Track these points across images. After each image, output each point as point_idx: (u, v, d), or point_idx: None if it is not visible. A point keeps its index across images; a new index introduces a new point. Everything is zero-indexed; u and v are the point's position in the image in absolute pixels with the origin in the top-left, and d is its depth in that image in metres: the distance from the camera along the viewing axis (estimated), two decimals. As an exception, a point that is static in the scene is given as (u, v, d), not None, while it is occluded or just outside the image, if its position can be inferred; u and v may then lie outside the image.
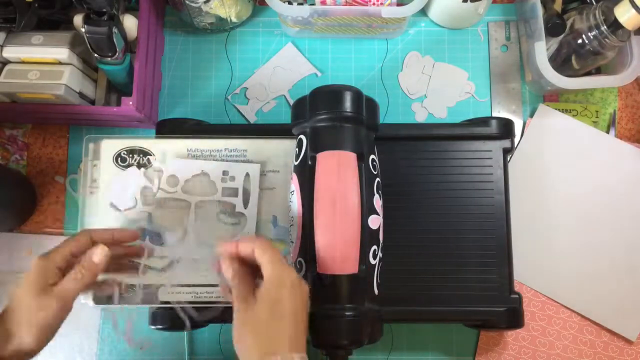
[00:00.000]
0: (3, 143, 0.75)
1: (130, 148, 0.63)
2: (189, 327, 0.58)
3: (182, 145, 0.63)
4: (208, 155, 0.63)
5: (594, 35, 0.66)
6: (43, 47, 0.66)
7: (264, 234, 0.62)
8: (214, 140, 0.63)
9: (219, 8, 0.71)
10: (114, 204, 0.62)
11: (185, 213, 0.62)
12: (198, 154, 0.63)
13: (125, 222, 0.62)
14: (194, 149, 0.63)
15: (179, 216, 0.62)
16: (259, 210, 0.62)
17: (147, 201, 0.62)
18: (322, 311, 0.53)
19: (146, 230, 0.62)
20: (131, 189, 0.62)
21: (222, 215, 0.62)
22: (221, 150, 0.63)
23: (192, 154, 0.63)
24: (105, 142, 0.63)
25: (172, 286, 0.60)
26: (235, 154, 0.63)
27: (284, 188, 0.62)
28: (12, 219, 0.72)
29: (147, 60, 0.70)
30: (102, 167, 0.63)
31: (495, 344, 0.70)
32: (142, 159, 0.63)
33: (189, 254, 0.61)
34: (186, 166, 0.63)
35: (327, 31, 0.75)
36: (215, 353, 0.71)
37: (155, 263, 0.61)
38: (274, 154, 0.63)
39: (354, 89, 0.57)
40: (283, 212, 0.62)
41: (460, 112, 0.76)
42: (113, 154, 0.63)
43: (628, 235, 0.71)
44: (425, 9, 0.77)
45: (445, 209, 0.64)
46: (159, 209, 0.62)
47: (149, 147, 0.63)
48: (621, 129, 0.76)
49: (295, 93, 0.76)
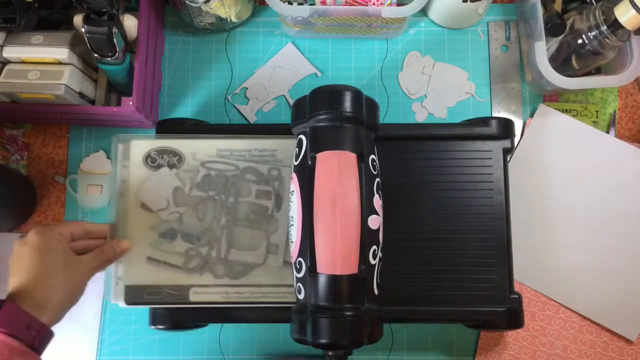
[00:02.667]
0: (3, 143, 0.75)
1: (160, 148, 0.63)
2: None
3: (212, 146, 0.63)
4: (238, 155, 0.63)
5: (594, 35, 0.66)
6: (43, 47, 0.66)
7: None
8: (243, 140, 0.63)
9: (219, 8, 0.71)
10: (146, 205, 0.62)
11: (217, 214, 0.62)
12: (228, 154, 0.63)
13: (157, 222, 0.62)
14: (224, 149, 0.63)
15: (210, 217, 0.62)
16: (289, 211, 0.62)
17: (179, 202, 0.62)
18: (322, 311, 0.53)
19: (178, 230, 0.62)
20: (163, 190, 0.62)
21: (253, 217, 0.62)
22: (251, 150, 0.63)
23: (221, 154, 0.63)
24: (134, 142, 0.63)
25: (202, 286, 0.61)
26: (265, 154, 0.63)
27: None
28: (12, 219, 0.72)
29: (147, 60, 0.70)
30: (132, 168, 0.63)
31: (495, 344, 0.70)
32: (172, 159, 0.63)
33: (220, 254, 0.61)
34: (218, 167, 0.63)
35: (327, 31, 0.75)
36: (215, 353, 0.71)
37: (185, 263, 0.61)
38: None
39: (354, 89, 0.57)
40: None
41: (460, 112, 0.76)
42: (143, 155, 0.63)
43: (628, 235, 0.71)
44: (425, 9, 0.77)
45: (445, 209, 0.64)
46: (191, 209, 0.62)
47: (179, 148, 0.63)
48: (621, 129, 0.76)
49: (295, 93, 0.76)
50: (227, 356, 0.71)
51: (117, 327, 0.71)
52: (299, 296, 0.56)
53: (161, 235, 0.62)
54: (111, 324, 0.71)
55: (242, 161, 0.63)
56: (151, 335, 0.71)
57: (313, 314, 0.53)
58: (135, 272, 0.62)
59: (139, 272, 0.62)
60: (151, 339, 0.71)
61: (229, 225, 0.62)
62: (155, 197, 0.62)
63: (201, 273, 0.61)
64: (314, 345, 0.54)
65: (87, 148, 0.75)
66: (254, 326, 0.71)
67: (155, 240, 0.62)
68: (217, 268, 0.61)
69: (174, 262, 0.61)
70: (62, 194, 0.75)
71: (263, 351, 0.71)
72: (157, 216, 0.62)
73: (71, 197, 0.74)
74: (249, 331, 0.71)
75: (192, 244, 0.62)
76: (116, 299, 0.61)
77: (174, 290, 0.61)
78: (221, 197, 0.62)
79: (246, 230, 0.62)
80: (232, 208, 0.62)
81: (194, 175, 0.63)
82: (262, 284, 0.61)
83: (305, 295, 0.54)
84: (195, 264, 0.61)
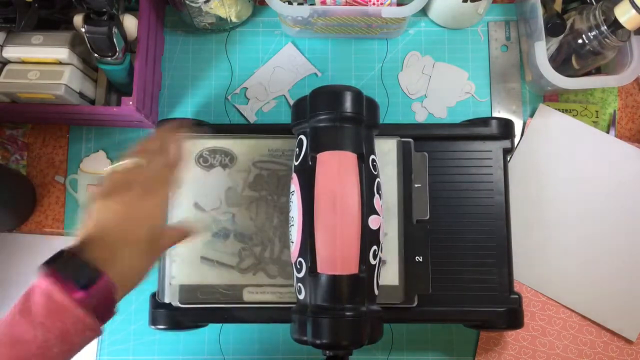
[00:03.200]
0: (3, 143, 0.75)
1: (212, 148, 0.63)
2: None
3: (264, 145, 0.63)
4: (290, 155, 0.63)
5: (594, 35, 0.66)
6: (43, 47, 0.66)
7: None
8: (293, 140, 0.62)
9: (219, 8, 0.71)
10: (199, 204, 0.63)
11: (270, 214, 0.62)
12: (279, 154, 0.63)
13: (209, 222, 0.62)
14: (276, 148, 0.63)
15: (263, 217, 0.62)
16: None
17: (231, 202, 0.62)
18: (322, 311, 0.53)
19: (231, 230, 0.62)
20: (216, 190, 0.62)
21: None
22: None
23: (273, 153, 0.63)
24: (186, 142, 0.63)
25: (256, 286, 0.61)
26: None
27: None
28: (12, 219, 0.72)
29: (147, 60, 0.70)
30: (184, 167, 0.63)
31: (495, 344, 0.70)
32: (224, 159, 0.63)
33: (273, 254, 0.61)
34: (269, 167, 0.63)
35: (327, 31, 0.75)
36: (215, 353, 0.71)
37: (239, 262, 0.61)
38: None
39: (354, 89, 0.57)
40: None
41: (460, 112, 0.76)
42: (195, 154, 0.63)
43: (628, 235, 0.71)
44: (425, 9, 0.77)
45: (445, 209, 0.64)
46: (243, 209, 0.62)
47: (231, 147, 0.63)
48: (621, 129, 0.76)
49: (295, 93, 0.76)
50: (227, 356, 0.71)
51: (117, 327, 0.71)
52: (299, 296, 0.56)
53: (214, 235, 0.62)
54: (111, 324, 0.71)
55: (293, 160, 0.63)
56: (151, 335, 0.71)
57: (313, 314, 0.53)
58: (189, 272, 0.62)
59: (192, 271, 0.62)
60: (151, 339, 0.71)
61: (281, 225, 0.62)
62: (208, 197, 0.63)
63: (255, 273, 0.61)
64: (314, 345, 0.54)
65: (87, 148, 0.75)
66: (254, 326, 0.71)
67: (208, 240, 0.62)
68: (271, 268, 0.61)
69: (227, 262, 0.62)
70: (62, 194, 0.75)
71: (263, 351, 0.71)
72: (211, 216, 0.62)
73: (71, 197, 0.74)
74: (249, 331, 0.71)
75: (245, 243, 0.62)
76: (171, 298, 0.61)
77: (227, 290, 0.61)
78: (273, 196, 0.62)
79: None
80: (284, 208, 0.62)
81: (246, 175, 0.63)
82: None
83: (306, 296, 0.54)
84: (248, 263, 0.61)
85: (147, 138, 0.56)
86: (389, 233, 0.61)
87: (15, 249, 0.72)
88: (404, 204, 0.62)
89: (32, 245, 0.73)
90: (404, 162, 0.63)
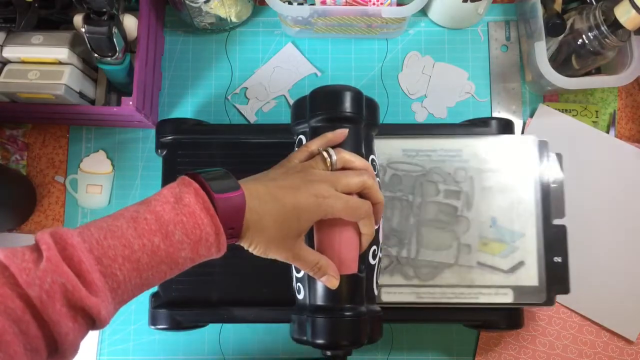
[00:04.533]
0: (3, 143, 0.75)
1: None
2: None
3: (398, 145, 0.63)
4: (424, 155, 0.63)
5: (594, 35, 0.66)
6: (43, 47, 0.66)
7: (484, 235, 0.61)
8: (429, 140, 0.63)
9: (219, 8, 0.71)
10: None
11: (406, 214, 0.62)
12: (413, 154, 0.63)
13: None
14: (410, 149, 0.63)
15: (398, 217, 0.62)
16: (479, 211, 0.61)
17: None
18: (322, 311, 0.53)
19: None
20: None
21: (442, 217, 0.62)
22: (437, 151, 0.63)
23: (407, 154, 0.63)
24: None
25: (394, 286, 0.61)
26: (451, 154, 0.63)
27: (503, 189, 0.62)
28: (12, 219, 0.72)
29: (147, 60, 0.70)
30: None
31: (495, 344, 0.70)
32: None
33: (410, 254, 0.61)
34: (404, 167, 0.63)
35: (327, 31, 0.75)
36: (215, 353, 0.71)
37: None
38: (491, 154, 0.62)
39: (354, 90, 0.57)
40: (502, 213, 0.61)
41: (460, 112, 0.76)
42: None
43: (628, 235, 0.71)
44: (425, 9, 0.77)
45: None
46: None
47: None
48: (621, 129, 0.76)
49: (295, 93, 0.76)
50: (227, 356, 0.71)
51: (117, 327, 0.71)
52: (299, 296, 0.56)
53: None
54: (111, 324, 0.71)
55: (428, 161, 0.63)
56: (151, 335, 0.71)
57: (312, 314, 0.53)
58: None
59: None
60: (151, 339, 0.71)
61: (417, 225, 0.62)
62: None
63: (392, 274, 0.61)
64: (313, 345, 0.54)
65: (87, 148, 0.75)
66: (253, 326, 0.71)
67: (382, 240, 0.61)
68: (407, 269, 0.61)
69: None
70: (62, 194, 0.75)
71: (263, 351, 0.71)
72: None
73: (71, 197, 0.74)
74: (249, 331, 0.71)
75: (383, 244, 0.61)
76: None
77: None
78: (408, 197, 0.62)
79: (435, 231, 0.61)
80: (420, 208, 0.62)
81: (381, 175, 0.62)
82: (454, 284, 0.60)
83: (305, 296, 0.54)
84: (385, 264, 0.61)
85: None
86: (526, 234, 0.61)
87: (15, 248, 0.72)
88: (542, 205, 0.62)
89: (32, 245, 0.73)
90: (540, 162, 0.62)
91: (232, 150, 0.65)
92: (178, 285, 0.62)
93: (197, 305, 0.62)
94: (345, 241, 0.53)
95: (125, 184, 0.74)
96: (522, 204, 0.61)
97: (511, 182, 0.62)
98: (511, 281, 0.60)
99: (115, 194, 0.74)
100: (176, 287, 0.62)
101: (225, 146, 0.65)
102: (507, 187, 0.62)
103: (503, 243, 0.61)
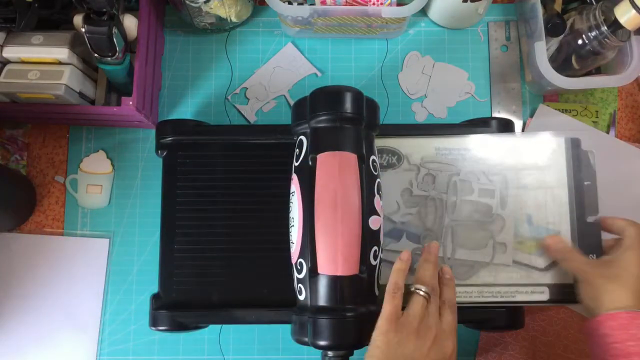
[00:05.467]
0: (3, 143, 0.75)
1: (379, 147, 0.62)
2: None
3: (430, 144, 0.63)
4: (457, 154, 0.63)
5: (594, 35, 0.66)
6: (43, 47, 0.66)
7: (519, 234, 0.61)
8: (461, 138, 0.63)
9: (219, 8, 0.71)
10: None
11: (440, 214, 0.62)
12: (446, 153, 0.63)
13: (387, 225, 0.61)
14: (443, 147, 0.63)
15: (433, 217, 0.62)
16: (513, 210, 0.61)
17: (409, 203, 0.62)
18: (323, 311, 0.53)
19: (403, 230, 0.61)
20: (392, 192, 0.62)
21: (476, 216, 0.62)
22: (470, 150, 0.63)
23: (440, 152, 0.63)
24: None
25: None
26: (484, 152, 0.62)
27: (537, 187, 0.62)
28: (12, 219, 0.72)
29: (147, 60, 0.70)
30: None
31: (495, 344, 0.70)
32: (391, 159, 0.63)
33: (446, 254, 0.61)
34: (437, 166, 0.62)
35: (327, 31, 0.75)
36: (215, 353, 0.71)
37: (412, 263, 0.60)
38: (523, 152, 0.62)
39: (355, 90, 0.57)
40: (537, 211, 0.61)
41: (460, 112, 0.76)
42: None
43: (628, 235, 0.71)
44: (425, 9, 0.77)
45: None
46: (416, 209, 0.62)
47: (398, 147, 0.63)
48: (621, 129, 0.76)
49: (295, 93, 0.76)
50: (227, 356, 0.71)
51: (117, 327, 0.71)
52: (300, 297, 0.56)
53: (387, 235, 0.61)
54: (111, 324, 0.72)
55: (461, 160, 0.62)
56: (151, 335, 0.71)
57: (314, 314, 0.53)
58: None
59: None
60: (151, 339, 0.71)
61: (452, 224, 0.62)
62: (385, 200, 0.61)
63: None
64: (314, 346, 0.54)
65: (87, 148, 0.75)
66: (253, 326, 0.71)
67: (382, 241, 0.61)
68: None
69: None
70: (62, 194, 0.75)
71: (263, 351, 0.71)
72: (389, 218, 0.61)
73: (71, 197, 0.74)
74: (249, 331, 0.71)
75: (418, 243, 0.61)
76: None
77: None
78: (442, 196, 0.62)
79: (471, 230, 0.61)
80: (455, 207, 0.62)
81: (415, 175, 0.62)
82: (490, 283, 0.61)
83: (306, 296, 0.54)
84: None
85: None
86: (561, 231, 0.61)
87: (15, 249, 0.72)
88: (576, 202, 0.62)
89: (32, 245, 0.73)
90: (573, 160, 0.62)
91: (232, 151, 0.65)
92: (179, 287, 0.62)
93: (198, 306, 0.62)
94: (346, 242, 0.53)
95: (125, 184, 0.74)
96: (556, 201, 0.61)
97: (545, 180, 0.62)
98: (547, 279, 0.60)
99: (115, 194, 0.74)
100: (177, 289, 0.62)
101: (225, 147, 0.65)
102: (541, 185, 0.62)
103: (539, 241, 0.61)
